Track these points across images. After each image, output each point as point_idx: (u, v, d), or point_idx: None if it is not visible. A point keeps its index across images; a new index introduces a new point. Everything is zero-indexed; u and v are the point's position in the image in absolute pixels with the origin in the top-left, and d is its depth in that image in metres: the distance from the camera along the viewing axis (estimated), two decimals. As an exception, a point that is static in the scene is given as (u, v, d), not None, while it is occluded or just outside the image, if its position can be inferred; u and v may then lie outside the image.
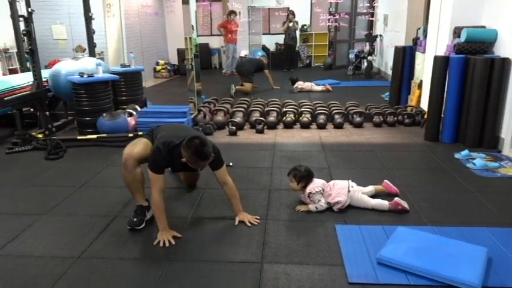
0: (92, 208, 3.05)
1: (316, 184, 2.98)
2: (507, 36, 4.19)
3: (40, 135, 4.79)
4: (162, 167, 2.64)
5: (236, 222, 2.76)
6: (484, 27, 4.57)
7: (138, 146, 2.75)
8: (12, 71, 7.28)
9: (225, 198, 2.89)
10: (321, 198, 2.93)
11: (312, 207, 2.93)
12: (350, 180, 3.05)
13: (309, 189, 2.96)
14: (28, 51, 4.94)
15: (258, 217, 2.82)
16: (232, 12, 10.06)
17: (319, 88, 7.92)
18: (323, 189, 2.96)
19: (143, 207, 2.79)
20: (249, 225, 2.73)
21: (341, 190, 2.95)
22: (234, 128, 5.02)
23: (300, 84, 7.95)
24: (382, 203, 2.93)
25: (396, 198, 2.92)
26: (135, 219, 2.72)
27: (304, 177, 2.98)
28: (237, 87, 7.59)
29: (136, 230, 2.69)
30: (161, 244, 2.49)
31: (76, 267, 2.30)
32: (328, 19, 10.43)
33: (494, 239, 2.51)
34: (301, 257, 2.38)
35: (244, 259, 2.36)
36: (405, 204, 2.90)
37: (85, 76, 4.88)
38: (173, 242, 2.51)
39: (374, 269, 2.23)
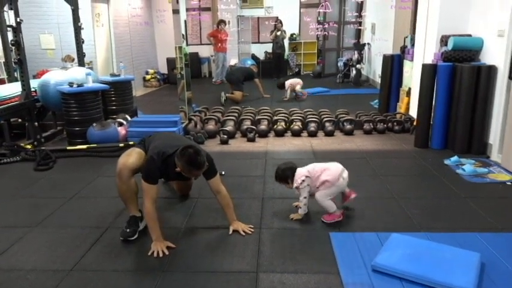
0: (83, 219, 3.01)
1: (299, 174, 2.88)
2: (492, 44, 4.28)
3: (29, 146, 4.72)
4: (156, 177, 2.62)
5: (230, 232, 2.75)
6: (470, 35, 4.67)
7: (133, 156, 2.74)
8: (-1, 82, 7.18)
9: (218, 208, 2.87)
10: (306, 192, 2.86)
11: (301, 211, 2.92)
12: (345, 170, 2.92)
13: (295, 183, 2.89)
14: (16, 61, 4.88)
15: (252, 226, 2.81)
16: (222, 21, 10.10)
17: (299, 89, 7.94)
18: (308, 177, 2.85)
19: (136, 218, 2.76)
20: (243, 234, 2.72)
21: (331, 177, 2.83)
22: (225, 136, 5.02)
23: (288, 84, 7.90)
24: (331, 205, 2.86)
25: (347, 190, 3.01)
26: (128, 230, 2.69)
27: (283, 177, 2.94)
28: (227, 95, 7.60)
29: (129, 241, 2.67)
30: (155, 255, 2.47)
31: (68, 280, 2.27)
32: (317, 28, 10.58)
33: (486, 244, 2.54)
34: (297, 265, 2.37)
35: (240, 269, 2.35)
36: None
37: (75, 86, 4.85)
38: (167, 253, 2.49)
39: (369, 276, 2.24)
